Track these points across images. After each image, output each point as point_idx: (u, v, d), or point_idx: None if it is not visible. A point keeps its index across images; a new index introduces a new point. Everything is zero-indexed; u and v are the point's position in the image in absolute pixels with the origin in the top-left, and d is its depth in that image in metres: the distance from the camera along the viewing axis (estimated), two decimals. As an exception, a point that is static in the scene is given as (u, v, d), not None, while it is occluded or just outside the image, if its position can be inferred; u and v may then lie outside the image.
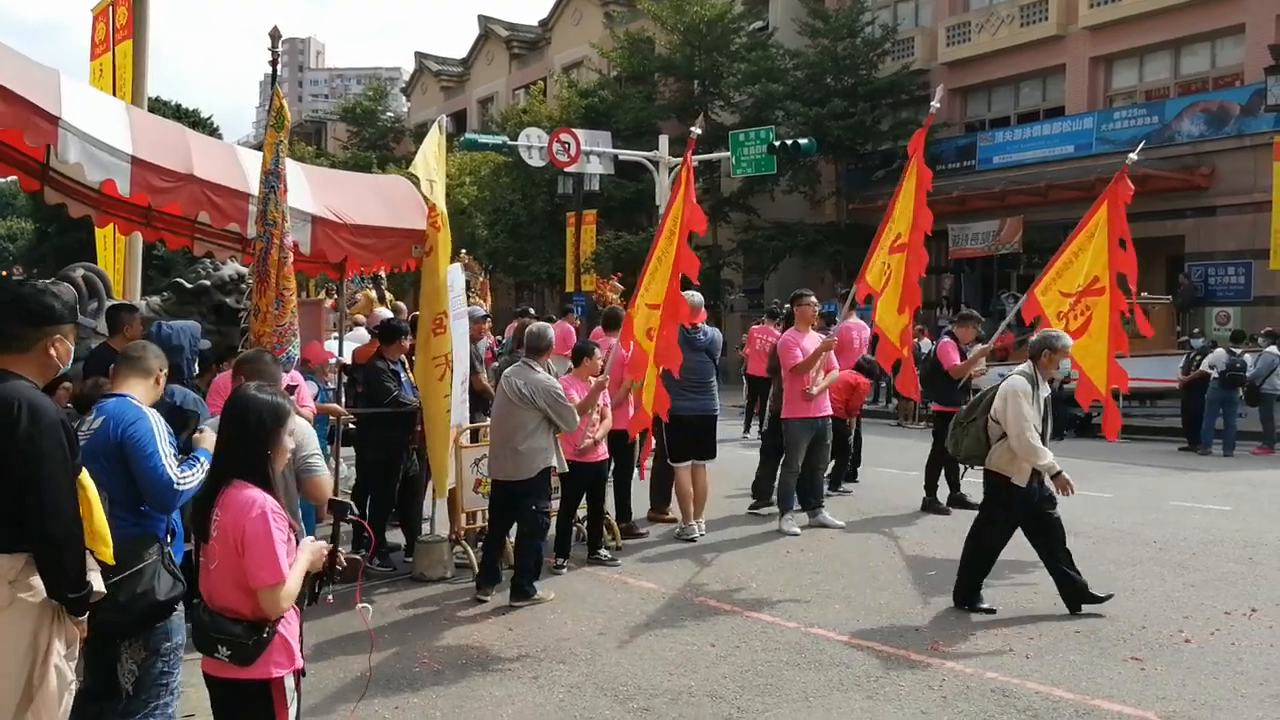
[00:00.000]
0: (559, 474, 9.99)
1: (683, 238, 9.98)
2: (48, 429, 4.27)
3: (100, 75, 15.33)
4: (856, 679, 7.41)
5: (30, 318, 4.45)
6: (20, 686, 4.29)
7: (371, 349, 11.15)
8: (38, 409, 4.27)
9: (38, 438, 4.23)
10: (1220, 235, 29.10)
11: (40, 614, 4.35)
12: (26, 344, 4.43)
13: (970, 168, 34.42)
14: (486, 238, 40.94)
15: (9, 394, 4.25)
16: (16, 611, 4.29)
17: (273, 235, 8.00)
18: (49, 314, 4.49)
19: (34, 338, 4.45)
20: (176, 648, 5.33)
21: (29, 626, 4.32)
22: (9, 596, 4.28)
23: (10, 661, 4.28)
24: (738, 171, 28.93)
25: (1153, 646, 8.00)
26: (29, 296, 4.55)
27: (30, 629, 4.32)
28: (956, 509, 12.96)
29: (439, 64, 65.47)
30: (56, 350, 4.52)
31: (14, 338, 4.42)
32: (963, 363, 12.87)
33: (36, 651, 4.33)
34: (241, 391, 4.67)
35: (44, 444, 4.25)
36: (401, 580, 10.18)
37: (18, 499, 4.25)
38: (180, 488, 5.06)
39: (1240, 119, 28.74)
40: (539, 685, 7.39)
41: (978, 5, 36.02)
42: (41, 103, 7.59)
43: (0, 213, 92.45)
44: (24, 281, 19.60)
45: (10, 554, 4.29)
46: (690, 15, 37.87)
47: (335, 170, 18.32)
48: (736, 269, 39.63)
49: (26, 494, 4.24)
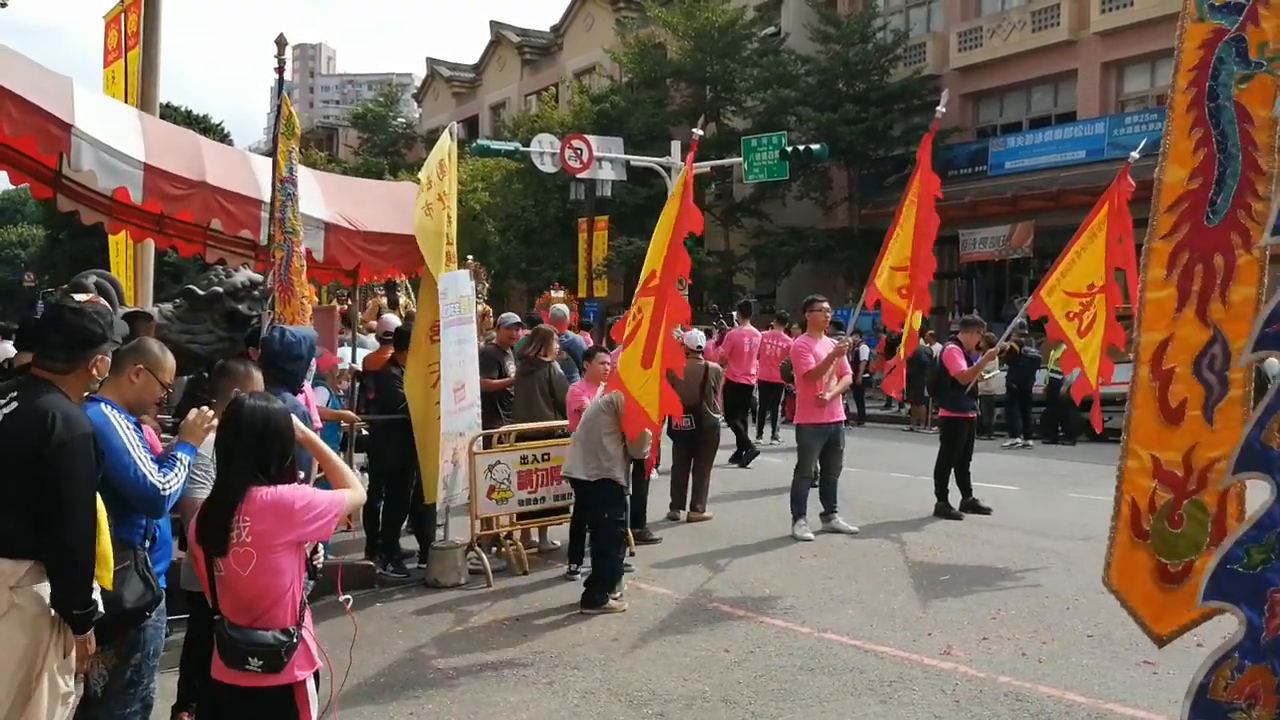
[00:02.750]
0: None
1: (678, 239, 9.89)
2: (79, 441, 4.42)
3: (113, 82, 15.38)
4: (870, 684, 7.40)
5: (75, 344, 4.62)
6: (13, 693, 4.32)
7: (384, 355, 11.17)
8: (72, 421, 4.43)
9: (69, 449, 4.37)
10: (1231, 239, 28.85)
11: (38, 624, 4.38)
12: (72, 365, 4.61)
13: (982, 173, 34.34)
14: (499, 243, 40.96)
15: (46, 406, 4.41)
16: (14, 618, 4.33)
17: (293, 243, 8.00)
18: (91, 338, 4.67)
19: (79, 360, 4.63)
20: (149, 658, 5.27)
21: (26, 635, 4.35)
22: (7, 602, 4.32)
23: (6, 668, 4.31)
24: (750, 177, 28.92)
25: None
26: (73, 324, 4.66)
27: (26, 637, 4.35)
28: (969, 514, 12.95)
29: (451, 70, 65.58)
30: (98, 369, 4.74)
31: (59, 359, 4.59)
32: (969, 369, 12.86)
33: (33, 661, 4.37)
34: (243, 401, 4.64)
35: (75, 456, 4.39)
36: (415, 586, 10.18)
37: (38, 507, 4.33)
38: (166, 493, 5.03)
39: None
40: (554, 691, 7.39)
41: (990, 10, 35.97)
42: (55, 110, 7.64)
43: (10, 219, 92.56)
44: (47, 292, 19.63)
45: (15, 559, 4.35)
46: (701, 21, 37.90)
47: (348, 177, 18.40)
48: (749, 274, 39.63)
49: (50, 503, 4.33)
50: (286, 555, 4.39)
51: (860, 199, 37.33)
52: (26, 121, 7.44)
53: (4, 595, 4.31)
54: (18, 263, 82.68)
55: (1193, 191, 4.54)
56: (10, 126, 7.39)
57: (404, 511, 10.76)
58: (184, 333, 11.61)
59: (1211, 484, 4.48)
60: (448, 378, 9.82)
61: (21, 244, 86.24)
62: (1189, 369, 4.54)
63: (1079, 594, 9.51)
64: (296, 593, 4.45)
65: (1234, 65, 4.49)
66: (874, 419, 26.10)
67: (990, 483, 13.57)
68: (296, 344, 6.98)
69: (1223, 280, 4.48)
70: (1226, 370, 4.50)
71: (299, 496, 4.44)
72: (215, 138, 39.66)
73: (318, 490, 4.61)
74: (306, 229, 8.91)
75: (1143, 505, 4.60)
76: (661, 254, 9.81)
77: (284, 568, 4.39)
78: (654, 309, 9.64)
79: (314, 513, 4.45)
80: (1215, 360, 4.52)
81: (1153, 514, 4.56)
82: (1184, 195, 4.55)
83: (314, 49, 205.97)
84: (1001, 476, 15.54)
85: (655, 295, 9.75)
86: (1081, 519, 12.61)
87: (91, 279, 11.81)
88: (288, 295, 8.04)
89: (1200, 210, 4.53)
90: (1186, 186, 4.55)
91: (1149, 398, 4.62)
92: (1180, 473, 4.54)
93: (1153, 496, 4.58)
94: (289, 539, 4.38)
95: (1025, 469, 17.40)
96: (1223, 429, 4.48)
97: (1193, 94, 4.55)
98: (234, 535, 4.35)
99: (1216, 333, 4.52)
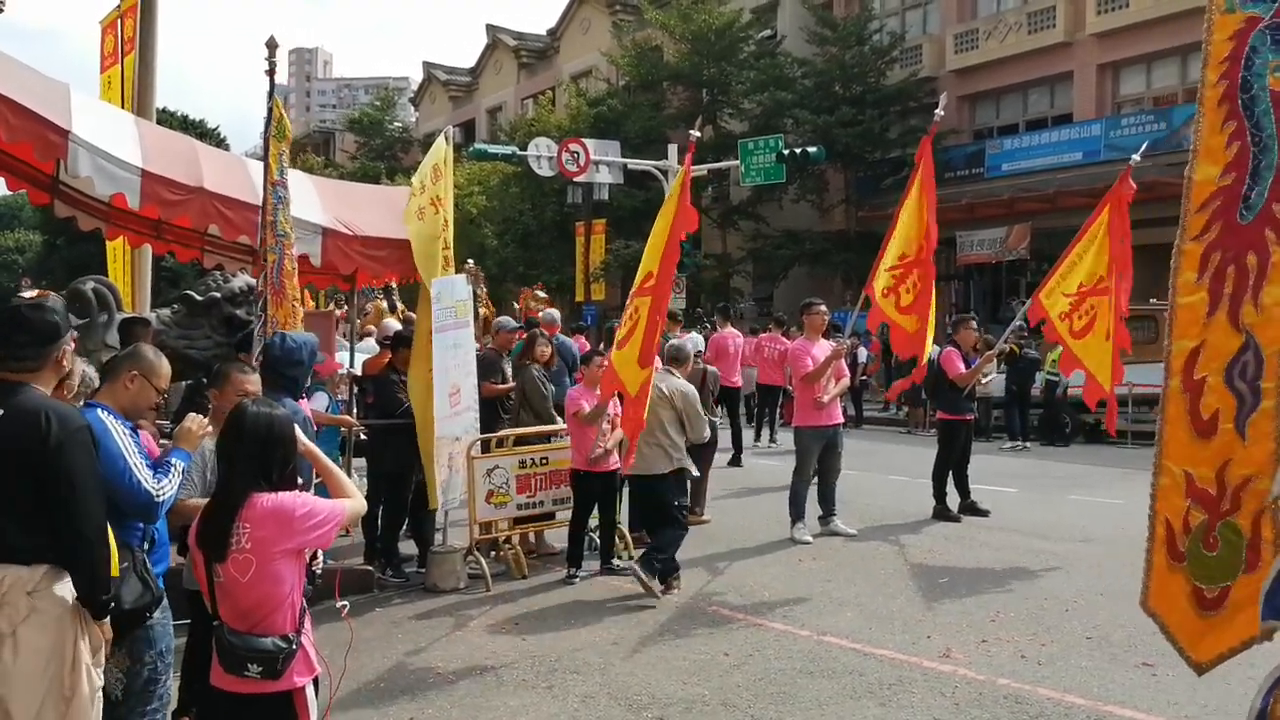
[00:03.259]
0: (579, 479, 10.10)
1: (674, 239, 9.87)
2: (75, 434, 4.47)
3: (110, 87, 15.39)
4: (869, 686, 7.41)
5: (43, 340, 4.64)
6: (43, 696, 4.35)
7: (383, 360, 11.18)
8: (65, 417, 4.47)
9: (68, 443, 4.41)
10: (1229, 241, 28.85)
11: (63, 623, 4.42)
12: (42, 362, 4.63)
13: (979, 175, 34.36)
14: (496, 247, 40.96)
15: (35, 405, 4.45)
16: (34, 623, 4.36)
17: (284, 246, 8.01)
18: (57, 332, 4.70)
19: (48, 354, 4.65)
20: (162, 655, 5.33)
21: (49, 637, 4.38)
22: (28, 607, 4.35)
23: (34, 673, 4.34)
24: (747, 180, 28.92)
25: (1164, 652, 7.89)
26: (36, 320, 4.68)
27: (50, 640, 4.38)
28: (967, 516, 12.97)
29: (447, 74, 65.57)
30: (65, 358, 4.78)
31: (29, 358, 4.59)
32: (967, 371, 12.87)
33: (64, 660, 4.41)
34: (246, 407, 4.64)
35: (74, 449, 4.44)
36: (414, 591, 10.18)
37: (44, 508, 4.38)
38: (160, 499, 5.06)
39: (1252, 125, 28.58)
40: (553, 695, 7.39)
41: (985, 12, 36.00)
42: (52, 116, 7.63)
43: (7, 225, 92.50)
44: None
45: (29, 565, 4.38)
46: (698, 24, 37.89)
47: (345, 182, 18.39)
48: (746, 277, 39.63)
49: (58, 499, 4.39)
50: (286, 562, 4.39)
51: (857, 201, 37.34)
52: (23, 127, 7.44)
53: (22, 601, 4.34)
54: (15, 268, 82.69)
55: (1226, 188, 4.28)
56: (7, 132, 7.38)
57: (403, 516, 10.74)
58: (182, 338, 11.65)
59: (1246, 504, 4.21)
60: (442, 382, 9.80)
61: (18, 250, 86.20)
62: (1220, 378, 4.27)
63: (1078, 596, 9.53)
64: (296, 599, 4.45)
65: (1269, 53, 4.20)
66: (871, 421, 26.09)
67: (988, 485, 13.57)
68: (297, 349, 7.00)
69: (1255, 281, 4.20)
70: (1260, 379, 4.18)
71: (300, 504, 4.44)
72: (212, 142, 39.77)
73: (319, 498, 4.61)
74: (304, 234, 8.91)
75: (1177, 526, 4.39)
76: (659, 255, 9.81)
77: (283, 575, 4.38)
78: (650, 309, 9.64)
79: (314, 520, 4.44)
80: (1247, 368, 4.20)
81: (1188, 535, 4.34)
82: (1216, 193, 4.31)
83: (310, 53, 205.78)
84: (1000, 479, 15.55)
85: (652, 295, 9.76)
86: (1080, 521, 12.62)
87: (89, 284, 11.84)
88: (279, 298, 8.04)
89: (1234, 207, 4.27)
90: (1219, 184, 4.30)
91: (1180, 410, 4.37)
92: (1214, 491, 4.30)
93: (1187, 516, 4.36)
94: (289, 546, 4.38)
95: (1023, 471, 17.40)
96: (1254, 443, 4.18)
97: (1224, 87, 4.32)
98: (234, 542, 4.34)
99: (1249, 338, 4.22)
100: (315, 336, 7.64)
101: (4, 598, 4.32)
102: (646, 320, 9.63)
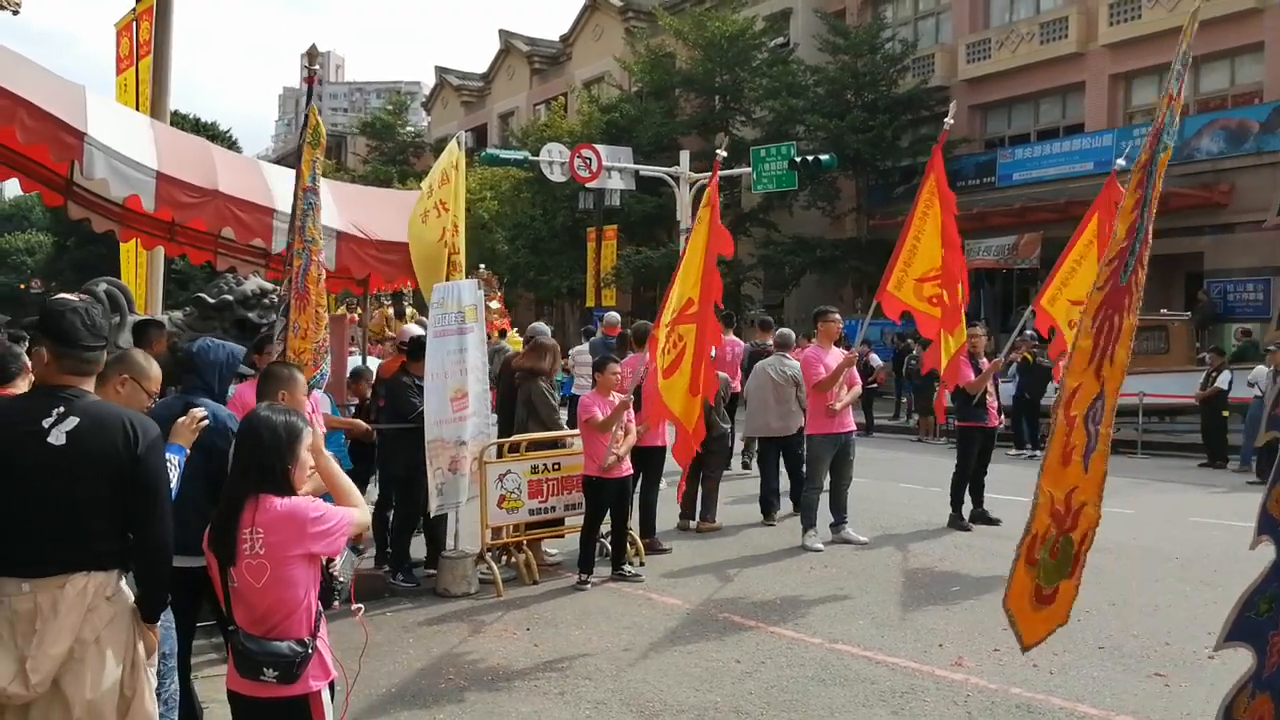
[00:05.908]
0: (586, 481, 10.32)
1: (710, 262, 9.91)
2: (157, 442, 4.59)
3: (125, 90, 15.41)
4: (881, 695, 7.39)
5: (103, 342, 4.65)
6: (117, 696, 4.43)
7: (397, 364, 11.16)
8: (145, 425, 4.56)
9: (152, 452, 4.51)
10: (1239, 252, 28.91)
11: (131, 625, 4.53)
12: (94, 365, 4.64)
13: (990, 184, 34.41)
14: (508, 253, 41.03)
15: (115, 413, 4.52)
16: (118, 625, 4.47)
17: (311, 252, 8.01)
18: (105, 331, 4.72)
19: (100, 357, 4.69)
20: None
21: (125, 638, 4.49)
22: (110, 612, 4.44)
23: (112, 674, 4.42)
24: (758, 187, 28.95)
25: (1176, 662, 7.98)
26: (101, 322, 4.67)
27: (125, 640, 4.49)
28: (978, 525, 12.94)
29: (460, 78, 65.62)
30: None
31: (95, 361, 4.63)
32: (977, 378, 12.85)
33: (133, 662, 4.52)
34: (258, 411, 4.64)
35: (156, 458, 4.56)
36: (425, 595, 10.17)
37: (126, 513, 4.46)
38: None
39: (1260, 136, 28.70)
40: (565, 701, 7.38)
41: (998, 22, 36.05)
42: (68, 118, 7.64)
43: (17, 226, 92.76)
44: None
45: (107, 571, 4.46)
46: (711, 31, 37.98)
47: (358, 186, 18.41)
48: (757, 284, 39.64)
49: (143, 509, 4.48)
50: (300, 567, 4.38)
51: (868, 209, 37.33)
52: (39, 129, 7.45)
53: (104, 606, 4.41)
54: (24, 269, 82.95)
55: (1124, 249, 4.79)
56: (23, 134, 7.40)
57: (415, 519, 10.72)
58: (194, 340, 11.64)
59: (1080, 524, 5.08)
60: (440, 385, 9.77)
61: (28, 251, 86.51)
62: (1083, 418, 4.92)
63: (1090, 606, 9.48)
64: (311, 604, 4.45)
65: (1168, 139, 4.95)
66: (882, 429, 26.06)
67: (999, 494, 13.53)
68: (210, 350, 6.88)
69: (1117, 338, 4.86)
70: (1099, 424, 4.97)
71: (313, 508, 4.44)
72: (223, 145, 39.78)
73: (330, 505, 4.61)
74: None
75: (1041, 538, 5.06)
76: (696, 280, 9.88)
77: (298, 579, 4.38)
78: (697, 336, 9.72)
79: (326, 526, 4.44)
80: (1098, 414, 4.95)
81: (1042, 545, 5.05)
82: (1120, 252, 4.80)
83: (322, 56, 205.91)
84: (1010, 487, 15.46)
85: (696, 322, 9.84)
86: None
87: (102, 286, 11.85)
88: (303, 304, 8.02)
89: (1122, 268, 4.82)
90: (1122, 243, 4.80)
91: (1059, 441, 4.94)
92: (1063, 510, 5.05)
93: (1046, 530, 5.06)
94: (301, 551, 4.38)
95: (1034, 480, 17.30)
96: (1091, 477, 5.03)
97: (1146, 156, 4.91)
98: (246, 546, 4.34)
99: (1103, 388, 4.92)
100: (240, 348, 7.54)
101: (90, 604, 4.37)
102: (694, 348, 9.70)
